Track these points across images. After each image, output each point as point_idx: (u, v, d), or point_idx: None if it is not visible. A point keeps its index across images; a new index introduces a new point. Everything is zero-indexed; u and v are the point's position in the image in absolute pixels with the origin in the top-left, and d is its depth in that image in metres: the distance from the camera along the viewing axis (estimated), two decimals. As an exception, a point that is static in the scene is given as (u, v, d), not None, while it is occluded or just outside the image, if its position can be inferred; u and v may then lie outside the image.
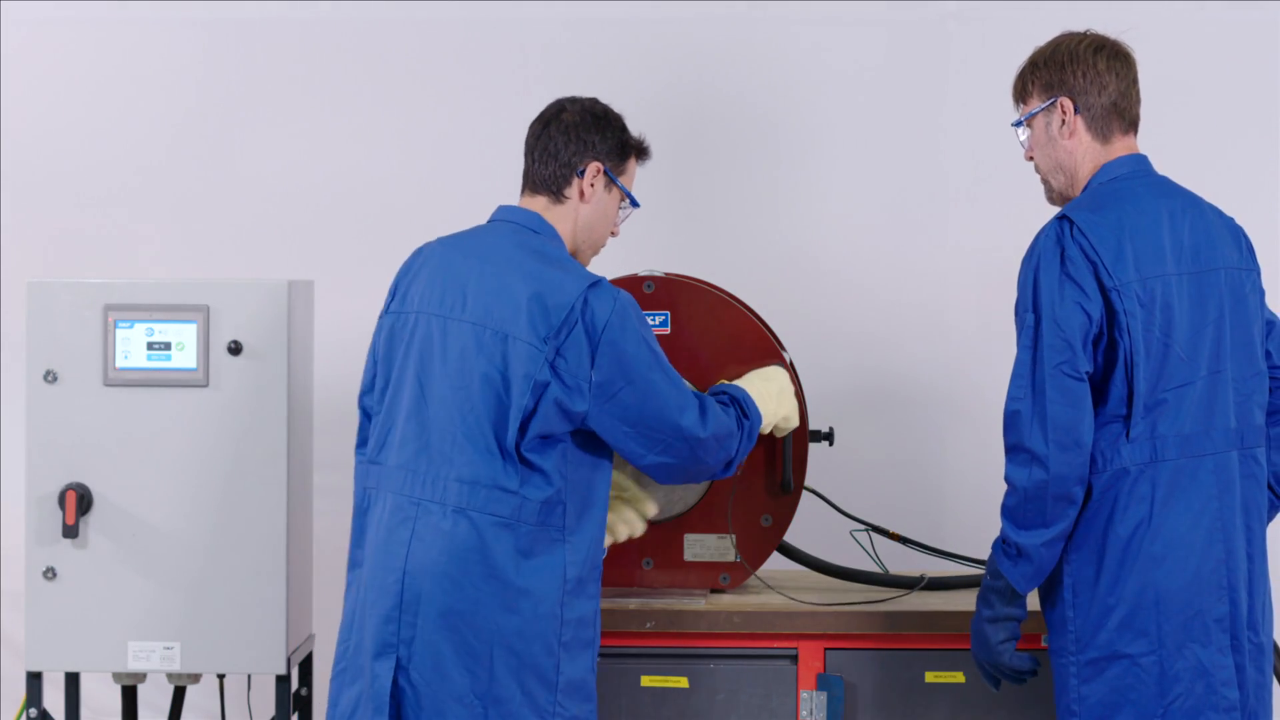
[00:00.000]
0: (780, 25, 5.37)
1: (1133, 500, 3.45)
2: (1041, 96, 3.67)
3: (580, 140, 3.76)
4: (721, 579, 4.08)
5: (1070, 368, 3.44)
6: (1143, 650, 3.44)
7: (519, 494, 3.48)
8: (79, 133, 5.39)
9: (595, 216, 3.78)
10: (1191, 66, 5.29)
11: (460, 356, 3.53)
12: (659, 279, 4.06)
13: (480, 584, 3.48)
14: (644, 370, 3.54)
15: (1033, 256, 3.53)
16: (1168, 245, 3.52)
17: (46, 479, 4.02)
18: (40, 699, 4.07)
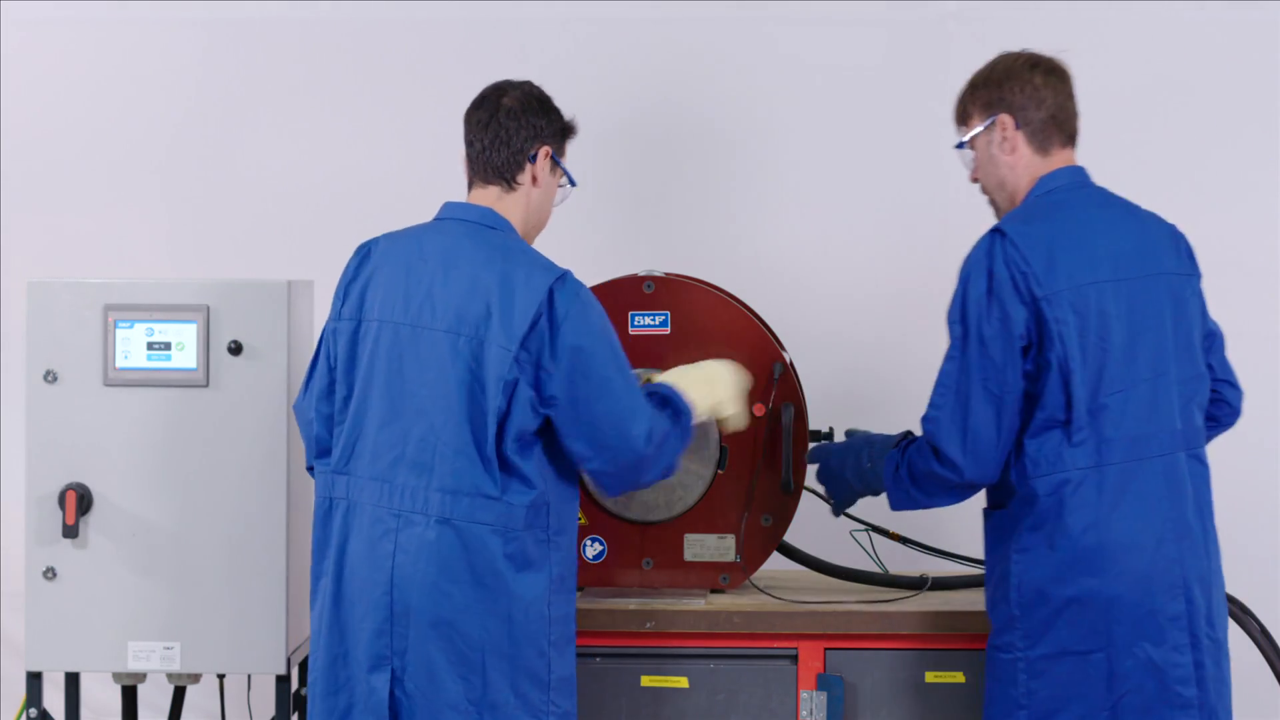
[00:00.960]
0: (781, 25, 5.36)
1: (1080, 503, 3.50)
2: (982, 116, 3.74)
3: (530, 125, 3.72)
4: (721, 579, 4.08)
5: (995, 384, 3.53)
6: (1091, 648, 3.50)
7: (502, 500, 3.49)
8: (79, 133, 5.39)
9: (544, 200, 3.78)
10: (1191, 66, 5.29)
11: (437, 365, 3.52)
12: (658, 279, 4.07)
13: (469, 592, 3.49)
14: (600, 367, 3.53)
15: (965, 269, 3.61)
16: (1104, 253, 3.58)
17: (46, 479, 4.02)
18: (40, 699, 4.07)
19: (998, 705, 3.60)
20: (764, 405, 4.03)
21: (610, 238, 5.33)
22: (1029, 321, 3.52)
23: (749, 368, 3.99)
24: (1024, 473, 3.54)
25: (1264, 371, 5.31)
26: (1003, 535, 3.60)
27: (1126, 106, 5.32)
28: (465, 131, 3.78)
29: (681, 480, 4.05)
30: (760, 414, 4.03)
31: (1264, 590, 5.02)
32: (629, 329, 4.05)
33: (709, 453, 4.05)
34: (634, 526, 4.09)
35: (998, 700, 3.60)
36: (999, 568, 3.60)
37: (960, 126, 3.81)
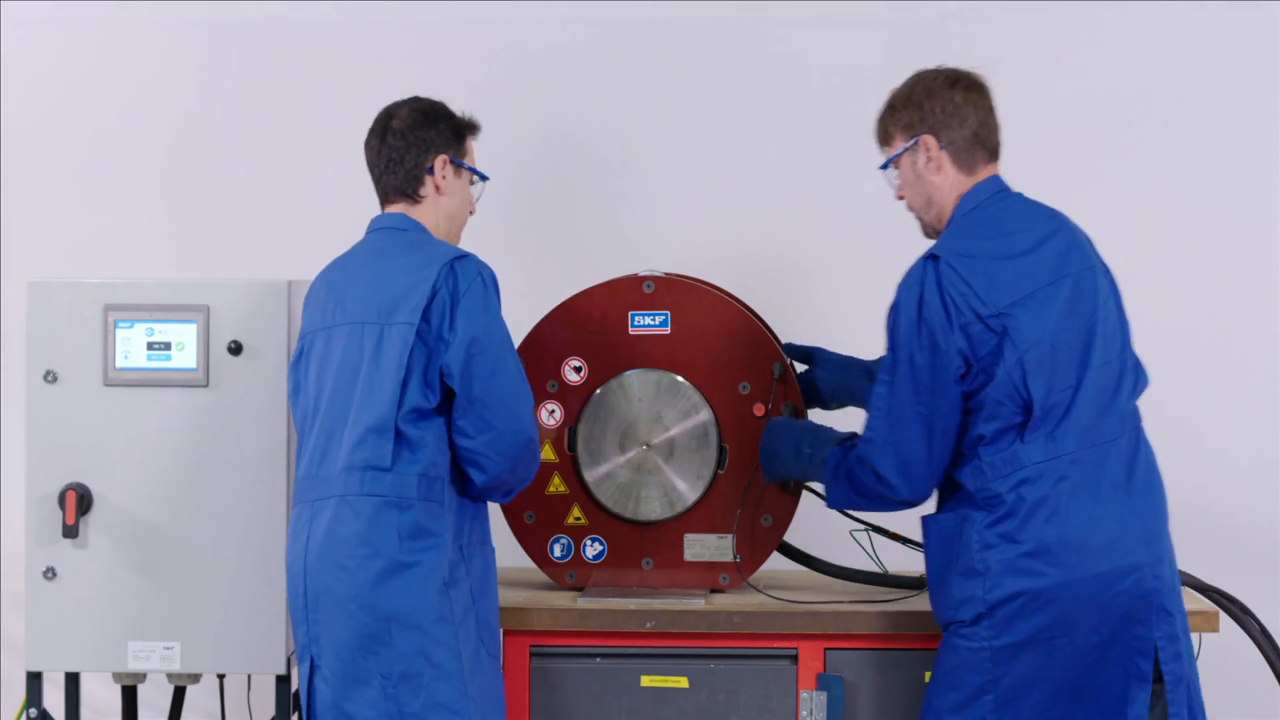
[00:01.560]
0: (781, 25, 5.36)
1: (1041, 497, 3.55)
2: (904, 137, 3.77)
3: (419, 140, 3.84)
4: (721, 579, 4.08)
5: (926, 409, 3.59)
6: (1058, 634, 3.55)
7: (394, 470, 3.57)
8: (79, 132, 5.38)
9: (454, 203, 3.86)
10: (1190, 66, 5.29)
11: (342, 356, 3.65)
12: (658, 279, 4.07)
13: (368, 564, 3.56)
14: (496, 347, 3.63)
15: (898, 294, 3.67)
16: (1039, 257, 3.65)
17: (46, 479, 4.02)
18: (40, 699, 4.07)
19: (960, 690, 3.61)
20: (764, 405, 4.04)
21: (609, 237, 5.33)
22: (966, 345, 3.57)
23: (750, 368, 4.02)
24: (982, 477, 3.59)
25: (1264, 371, 5.31)
26: (960, 535, 3.62)
27: (1125, 106, 5.31)
28: (366, 161, 3.90)
29: (681, 480, 4.05)
30: (760, 414, 4.04)
31: (1264, 590, 5.03)
32: (629, 329, 4.06)
33: (709, 453, 4.05)
34: (634, 526, 4.09)
35: (960, 685, 3.61)
36: (960, 566, 3.61)
37: (883, 147, 3.84)
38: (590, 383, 4.08)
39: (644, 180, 5.40)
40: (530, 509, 4.10)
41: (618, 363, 4.07)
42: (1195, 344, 5.31)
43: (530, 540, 4.12)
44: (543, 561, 4.13)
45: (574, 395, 4.08)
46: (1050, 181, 5.24)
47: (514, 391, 3.64)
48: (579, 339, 4.08)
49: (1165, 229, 5.31)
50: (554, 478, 4.10)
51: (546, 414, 4.08)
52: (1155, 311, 5.29)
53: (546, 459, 4.08)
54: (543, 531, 4.11)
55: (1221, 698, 4.48)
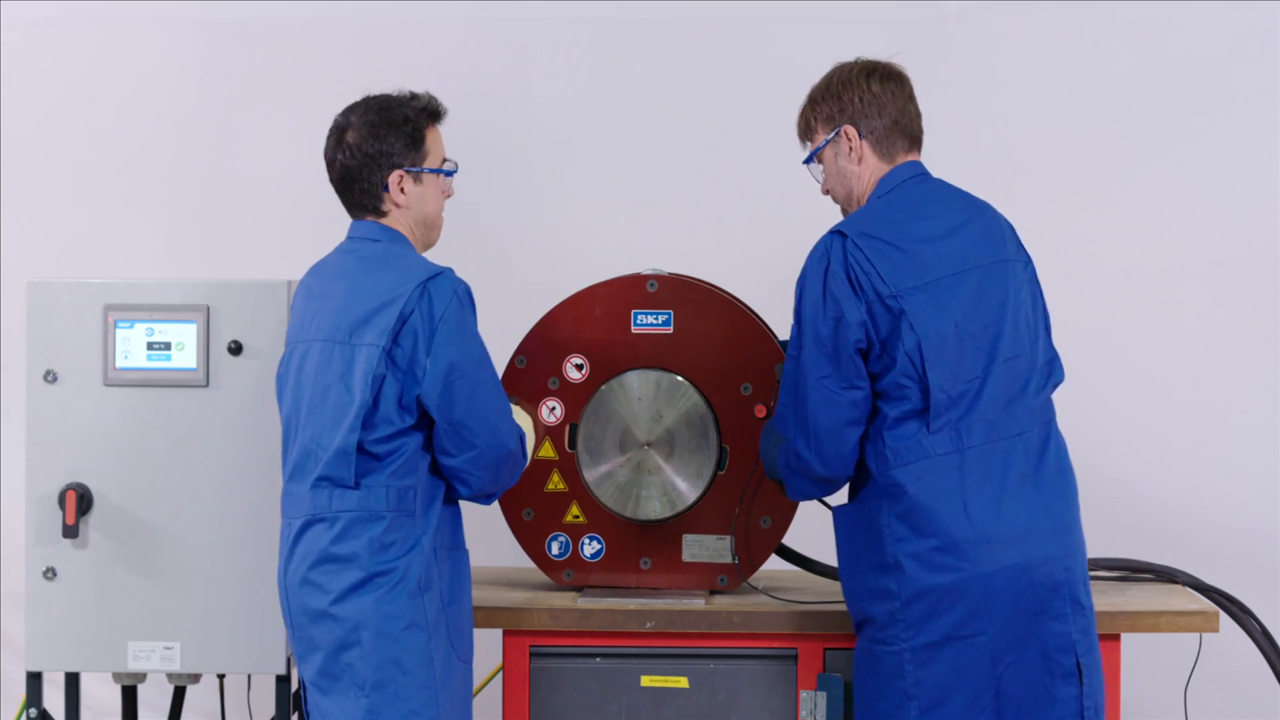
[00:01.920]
0: (781, 25, 5.36)
1: (947, 489, 3.56)
2: (825, 129, 3.78)
3: (369, 157, 3.73)
4: (719, 580, 4.07)
5: (831, 381, 3.59)
6: (975, 631, 3.54)
7: (362, 487, 3.56)
8: (79, 133, 5.38)
9: (423, 209, 3.79)
10: (1191, 66, 5.29)
11: (315, 374, 3.63)
12: (662, 278, 4.06)
13: (337, 579, 3.55)
14: (474, 367, 3.59)
15: (804, 269, 3.66)
16: (949, 245, 3.64)
17: (46, 479, 4.02)
18: (40, 699, 4.07)
19: (885, 700, 3.60)
20: (765, 406, 4.02)
21: (609, 236, 5.33)
22: (869, 322, 3.58)
23: (753, 369, 4.01)
24: (885, 463, 3.59)
25: (1263, 372, 5.31)
26: (868, 527, 3.62)
27: (1125, 106, 5.31)
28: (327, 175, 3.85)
29: (681, 480, 4.05)
30: (762, 415, 4.02)
31: (1264, 590, 5.03)
32: (632, 328, 4.05)
33: (709, 453, 4.05)
34: (633, 525, 4.08)
35: (884, 695, 3.60)
36: (869, 559, 3.61)
37: (805, 141, 3.85)
38: (592, 380, 4.06)
39: (643, 180, 5.40)
40: (529, 506, 4.08)
41: (620, 361, 4.06)
42: (1195, 344, 5.31)
43: (528, 537, 4.10)
44: (540, 559, 4.11)
45: (575, 393, 4.05)
46: (1050, 180, 5.28)
47: (493, 408, 3.61)
48: (581, 336, 4.05)
49: (1165, 229, 5.31)
50: (553, 475, 4.08)
51: (547, 411, 4.06)
52: (1154, 311, 5.31)
53: (546, 456, 4.07)
54: (541, 529, 4.09)
55: (1221, 698, 4.48)
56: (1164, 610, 3.99)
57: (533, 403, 4.05)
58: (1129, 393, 5.25)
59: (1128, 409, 5.24)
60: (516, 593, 4.09)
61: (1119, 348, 5.23)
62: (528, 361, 4.05)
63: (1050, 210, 5.19)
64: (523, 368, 4.06)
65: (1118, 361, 5.23)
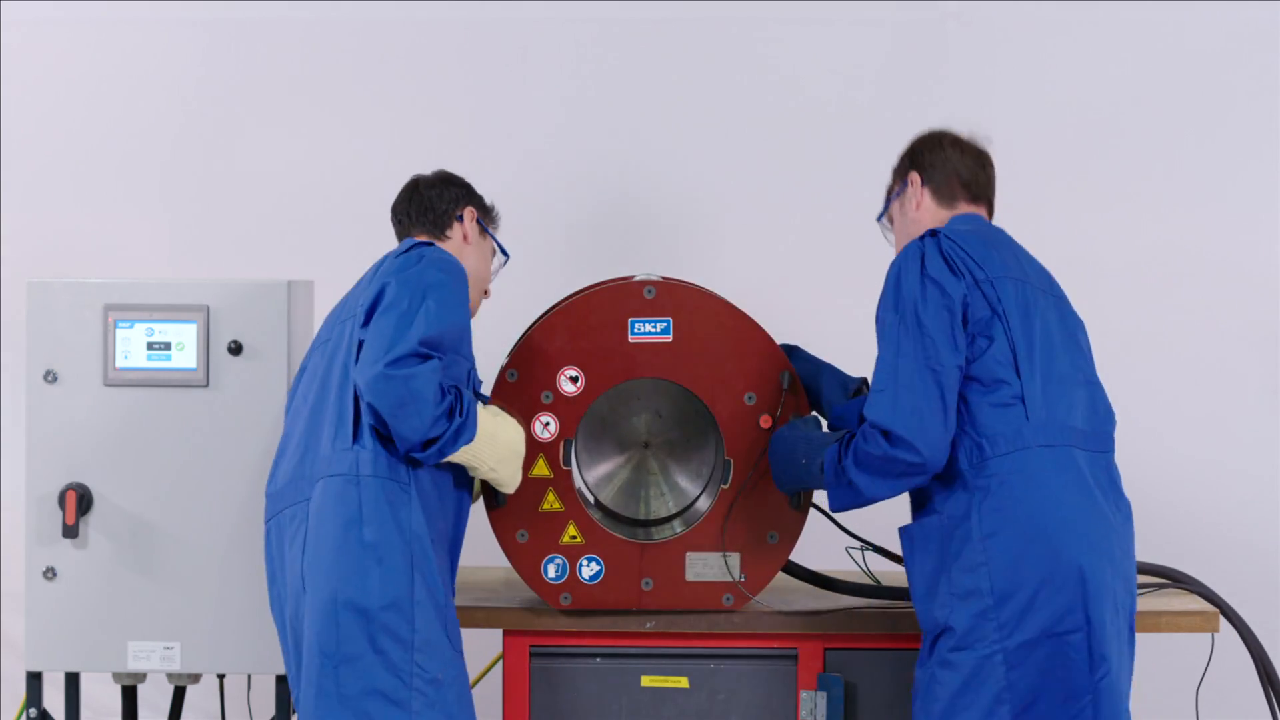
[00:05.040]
0: (781, 25, 5.36)
1: (1044, 480, 3.53)
2: (897, 183, 3.86)
3: (450, 193, 3.86)
4: (724, 600, 3.92)
5: (934, 361, 3.54)
6: (1072, 627, 3.48)
7: (352, 449, 3.57)
8: (79, 133, 5.39)
9: (478, 262, 3.87)
10: (1191, 66, 5.30)
11: (329, 360, 3.67)
12: (659, 283, 3.88)
13: (323, 544, 3.56)
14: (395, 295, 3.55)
15: (895, 266, 3.66)
16: (1028, 270, 3.70)
17: (46, 479, 4.02)
18: (40, 699, 4.07)
19: (971, 710, 3.51)
20: (771, 417, 3.88)
21: (604, 239, 5.32)
22: (969, 300, 3.58)
23: (757, 378, 3.87)
24: (980, 453, 3.54)
25: (1263, 372, 5.31)
26: (952, 530, 3.55)
27: (1125, 106, 5.32)
28: (392, 220, 3.91)
29: (683, 496, 3.99)
30: (767, 426, 3.88)
31: (1264, 590, 5.03)
32: (629, 336, 3.88)
33: (712, 467, 3.96)
34: (633, 545, 3.91)
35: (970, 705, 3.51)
36: (956, 562, 3.54)
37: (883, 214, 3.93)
38: (587, 393, 3.88)
39: (643, 179, 5.40)
40: (522, 527, 3.88)
41: (616, 372, 3.88)
42: (1195, 344, 5.31)
43: (522, 561, 3.89)
44: (536, 583, 3.90)
45: (570, 407, 3.87)
46: (1050, 180, 5.28)
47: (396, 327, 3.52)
48: (575, 347, 3.85)
49: (1165, 229, 5.31)
50: (548, 494, 3.88)
51: (540, 426, 3.86)
52: (1152, 311, 5.31)
53: (540, 474, 3.87)
54: (536, 551, 3.88)
55: (1221, 697, 4.48)
56: (1164, 611, 3.99)
57: (525, 418, 3.86)
58: (1128, 392, 5.22)
59: (1127, 409, 5.22)
60: (517, 593, 4.09)
61: (1119, 347, 5.22)
62: (519, 375, 3.87)
63: (1050, 210, 5.19)
64: (513, 381, 3.86)
65: (1117, 361, 5.22)
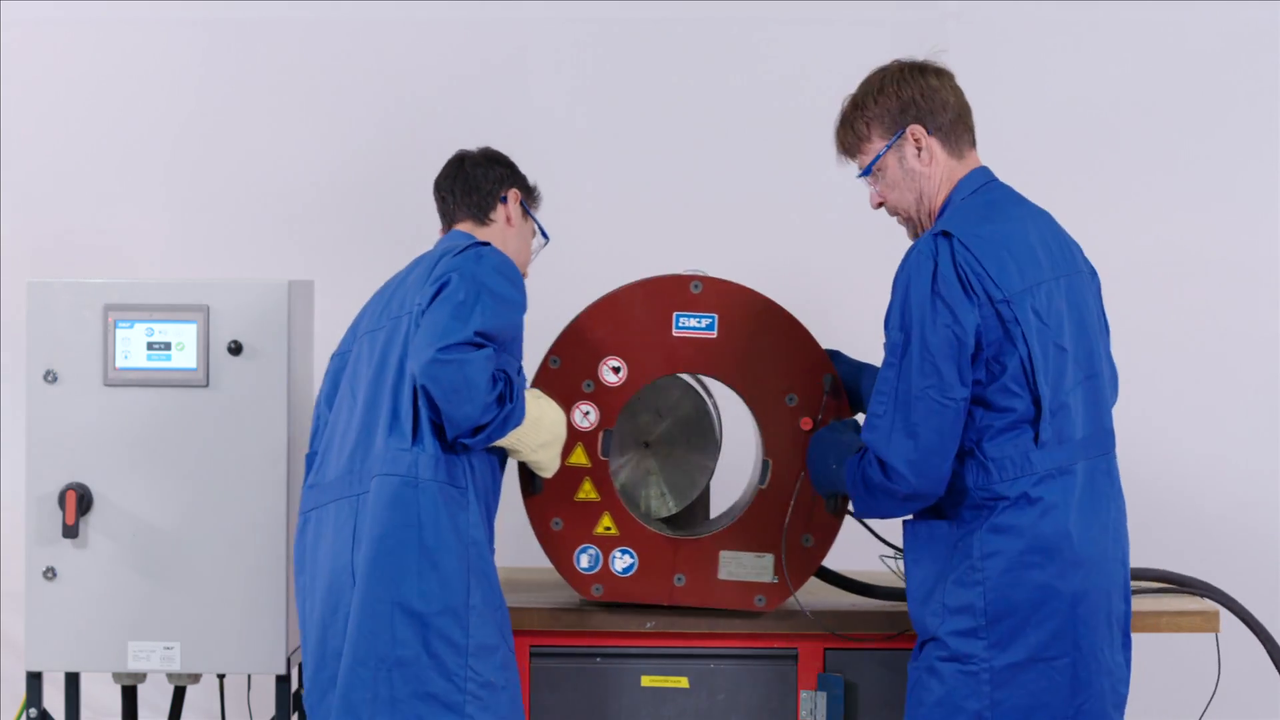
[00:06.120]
0: (781, 25, 5.37)
1: (1048, 506, 3.40)
2: (883, 133, 3.56)
3: (495, 172, 3.86)
4: (757, 600, 3.89)
5: (937, 392, 3.37)
6: (1059, 653, 3.41)
7: (410, 451, 3.55)
8: (79, 133, 5.39)
9: (520, 243, 3.88)
10: (1191, 66, 5.30)
11: (381, 353, 3.64)
12: (706, 279, 3.86)
13: (380, 545, 3.53)
14: (454, 291, 3.53)
15: (904, 272, 3.45)
16: (1040, 251, 3.48)
17: (46, 479, 4.02)
18: (40, 699, 4.07)
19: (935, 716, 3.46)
20: (811, 419, 3.85)
21: (608, 240, 5.33)
22: (982, 325, 3.39)
23: (798, 379, 3.84)
24: (987, 475, 3.42)
25: (1264, 372, 5.31)
26: (955, 542, 3.45)
27: (1125, 106, 5.32)
28: (435, 197, 3.90)
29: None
30: (808, 428, 3.85)
31: (1264, 590, 5.03)
32: (673, 330, 3.87)
33: (710, 469, 3.95)
34: (667, 540, 3.90)
35: (947, 717, 3.44)
36: (952, 574, 3.45)
37: (852, 155, 3.63)
38: (629, 385, 3.87)
39: (644, 180, 5.41)
40: (557, 515, 3.88)
41: (659, 365, 3.87)
42: (1193, 344, 5.31)
43: (556, 549, 3.88)
44: (568, 572, 3.89)
45: (611, 397, 3.87)
46: (1050, 180, 5.27)
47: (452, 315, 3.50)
48: (619, 337, 3.85)
49: (1165, 229, 5.31)
50: (585, 483, 3.88)
51: (580, 415, 3.86)
52: (1153, 311, 5.32)
53: (577, 463, 3.87)
54: (569, 540, 3.88)
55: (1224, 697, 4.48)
56: (1163, 611, 3.99)
57: (565, 406, 3.84)
58: (1128, 392, 5.24)
59: (1127, 408, 5.23)
60: (516, 593, 4.09)
61: (1119, 347, 5.21)
62: (561, 362, 3.87)
63: (1050, 210, 5.19)
64: (556, 368, 3.86)
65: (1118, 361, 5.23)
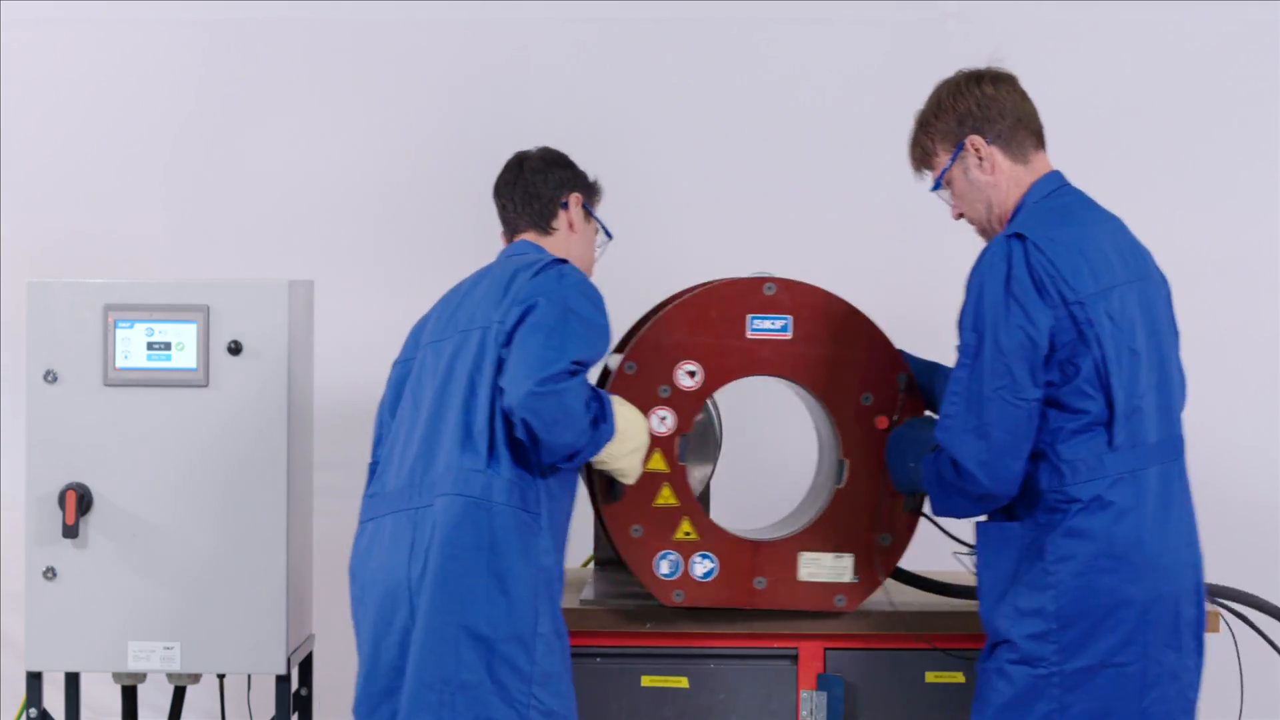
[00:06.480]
0: (782, 25, 5.37)
1: (1122, 509, 3.41)
2: (946, 147, 3.61)
3: (556, 176, 3.82)
4: (836, 601, 3.88)
5: (1010, 392, 3.40)
6: (1130, 658, 3.41)
7: (485, 472, 3.51)
8: (79, 133, 5.39)
9: (583, 248, 3.85)
10: (1191, 66, 5.30)
11: (448, 365, 3.60)
12: (779, 281, 3.85)
13: (449, 566, 3.49)
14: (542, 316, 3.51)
15: (977, 274, 3.47)
16: (1113, 256, 3.50)
17: (46, 479, 4.02)
18: (40, 699, 4.07)
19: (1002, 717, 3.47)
20: (887, 418, 3.84)
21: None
22: (1056, 327, 3.41)
23: (874, 378, 3.83)
24: (1060, 478, 3.43)
25: (1265, 372, 5.31)
26: (1028, 545, 3.47)
27: (1125, 106, 5.32)
28: (496, 203, 3.86)
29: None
30: (884, 427, 3.84)
31: (1266, 590, 5.02)
32: (747, 332, 3.83)
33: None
34: (747, 543, 3.86)
35: (1016, 719, 3.45)
36: (1025, 578, 3.46)
37: (923, 170, 3.68)
38: (705, 388, 3.83)
39: (645, 181, 5.40)
40: (637, 522, 3.82)
41: (734, 368, 3.83)
42: (1195, 344, 5.30)
43: (636, 555, 3.83)
44: (649, 579, 3.84)
45: (687, 401, 3.82)
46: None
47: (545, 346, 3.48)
48: (694, 341, 3.81)
49: (1165, 229, 5.30)
50: (663, 489, 3.83)
51: (657, 420, 3.80)
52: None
53: (656, 469, 3.81)
54: (649, 547, 3.83)
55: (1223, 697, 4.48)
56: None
57: (642, 411, 3.78)
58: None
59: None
60: (516, 593, 4.09)
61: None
62: (637, 368, 3.81)
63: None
64: (632, 374, 3.80)
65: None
